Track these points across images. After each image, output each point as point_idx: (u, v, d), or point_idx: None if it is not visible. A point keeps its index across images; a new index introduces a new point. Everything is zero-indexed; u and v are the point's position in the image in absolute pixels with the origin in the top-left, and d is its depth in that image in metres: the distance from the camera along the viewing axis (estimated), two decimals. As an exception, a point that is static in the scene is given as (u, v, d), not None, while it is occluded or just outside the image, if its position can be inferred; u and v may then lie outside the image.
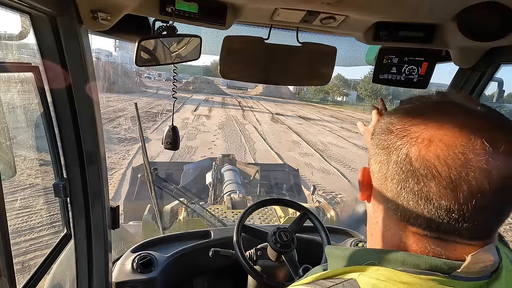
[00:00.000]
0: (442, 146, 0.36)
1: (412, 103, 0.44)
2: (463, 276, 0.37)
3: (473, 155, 0.34)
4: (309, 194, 4.63)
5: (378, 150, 0.43)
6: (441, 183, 0.35)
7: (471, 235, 0.38)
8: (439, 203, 0.36)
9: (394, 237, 0.42)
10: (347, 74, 72.92)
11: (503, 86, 1.11)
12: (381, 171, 0.42)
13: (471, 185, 0.34)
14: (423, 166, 0.36)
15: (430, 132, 0.37)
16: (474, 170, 0.34)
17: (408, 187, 0.38)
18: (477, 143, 0.35)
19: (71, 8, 0.73)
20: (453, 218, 0.36)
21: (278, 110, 29.30)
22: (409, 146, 0.38)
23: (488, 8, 0.70)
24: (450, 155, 0.35)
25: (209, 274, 1.60)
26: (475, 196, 0.35)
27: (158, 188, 2.54)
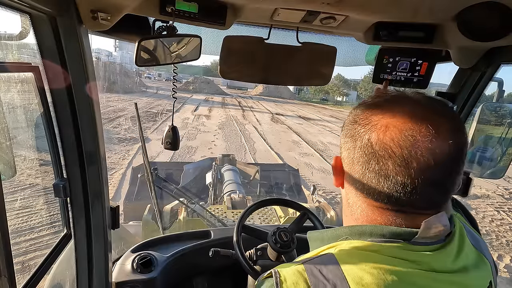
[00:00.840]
0: (395, 131, 0.43)
1: (374, 98, 0.51)
2: (421, 241, 0.44)
3: (420, 136, 0.42)
4: (309, 194, 4.63)
5: (347, 139, 0.50)
6: (396, 161, 0.43)
7: (424, 205, 0.45)
8: (396, 179, 0.43)
9: (363, 214, 0.49)
10: (347, 74, 73.03)
11: (503, 86, 1.11)
12: (349, 157, 0.49)
13: (420, 162, 0.42)
14: (381, 148, 0.44)
15: (386, 120, 0.45)
16: (422, 149, 0.42)
17: (370, 167, 0.45)
18: (423, 127, 0.42)
19: (71, 8, 0.73)
20: (408, 191, 0.43)
21: (278, 110, 29.30)
22: (370, 132, 0.45)
23: (488, 8, 0.70)
24: (402, 138, 0.43)
25: (209, 274, 1.59)
26: (423, 171, 0.42)
27: (158, 188, 2.54)
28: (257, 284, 0.50)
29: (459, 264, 0.46)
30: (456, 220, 0.50)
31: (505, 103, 1.18)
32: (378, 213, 0.47)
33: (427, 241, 0.44)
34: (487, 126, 1.20)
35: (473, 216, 0.61)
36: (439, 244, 0.45)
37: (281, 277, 0.45)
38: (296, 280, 0.44)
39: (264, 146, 11.96)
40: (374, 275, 0.42)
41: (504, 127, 1.19)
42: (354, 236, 0.48)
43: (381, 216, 0.47)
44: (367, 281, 0.41)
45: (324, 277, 0.44)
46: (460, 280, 0.46)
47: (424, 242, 0.44)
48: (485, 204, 7.21)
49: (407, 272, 0.42)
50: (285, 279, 0.45)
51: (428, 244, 0.44)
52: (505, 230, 5.99)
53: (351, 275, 0.42)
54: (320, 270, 0.45)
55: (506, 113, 1.20)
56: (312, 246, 0.54)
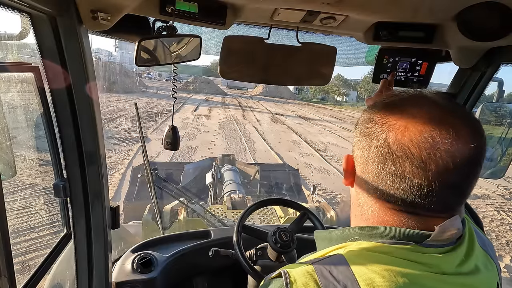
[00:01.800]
0: (415, 132, 0.42)
1: (390, 97, 0.49)
2: (433, 244, 0.43)
3: (440, 139, 0.41)
4: (309, 194, 4.63)
5: (361, 137, 0.49)
6: (414, 163, 0.42)
7: (439, 208, 0.44)
8: (412, 181, 0.42)
9: (374, 215, 0.48)
10: (347, 74, 73.03)
11: (503, 86, 1.11)
12: (363, 156, 0.48)
13: (438, 164, 0.41)
14: (399, 149, 0.43)
15: (405, 120, 0.44)
16: (441, 151, 0.41)
17: (386, 168, 0.44)
18: (443, 129, 0.41)
19: (71, 8, 0.73)
20: (423, 194, 0.42)
21: (278, 110, 29.30)
22: (388, 132, 0.44)
23: (488, 8, 0.70)
24: (422, 139, 0.41)
25: (209, 274, 1.59)
26: (441, 173, 0.41)
27: (158, 188, 2.54)
28: (264, 284, 0.49)
29: (469, 266, 0.46)
30: (466, 222, 0.49)
31: (505, 103, 1.18)
32: (390, 214, 0.46)
33: (438, 244, 0.44)
34: (487, 126, 1.20)
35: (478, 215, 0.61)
36: (450, 246, 0.45)
37: (291, 278, 0.44)
38: (306, 281, 0.44)
39: (264, 146, 11.96)
40: (385, 277, 0.41)
41: (504, 127, 1.19)
42: (364, 237, 0.47)
43: (393, 217, 0.46)
44: (378, 283, 0.41)
45: (335, 279, 0.43)
46: (471, 282, 0.45)
47: (436, 244, 0.44)
48: (485, 204, 7.22)
49: (417, 274, 0.42)
50: (295, 280, 0.44)
51: (439, 247, 0.44)
52: (505, 230, 5.99)
53: (362, 277, 0.42)
54: (330, 271, 0.44)
55: (506, 113, 1.20)
56: (319, 246, 0.54)
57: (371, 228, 0.47)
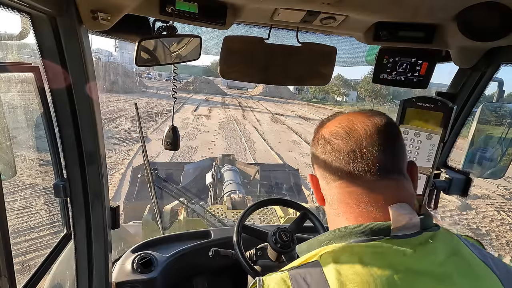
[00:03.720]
0: (337, 120, 0.58)
1: None
2: (400, 234, 0.47)
3: (355, 118, 0.55)
4: (309, 194, 4.63)
5: (314, 153, 0.60)
6: (341, 135, 0.54)
7: (377, 168, 0.51)
8: (346, 149, 0.52)
9: (340, 204, 0.53)
10: (347, 74, 73.03)
11: (503, 86, 1.11)
12: (316, 161, 0.58)
13: (358, 132, 0.53)
14: (329, 134, 0.56)
15: (329, 121, 0.60)
16: (357, 124, 0.53)
17: (327, 151, 0.55)
18: (358, 114, 0.56)
19: (71, 8, 0.73)
20: (358, 156, 0.51)
21: (278, 110, 29.30)
22: (321, 133, 0.58)
23: (488, 8, 0.70)
24: (343, 121, 0.56)
25: (209, 274, 1.59)
26: (362, 138, 0.52)
27: (158, 188, 2.54)
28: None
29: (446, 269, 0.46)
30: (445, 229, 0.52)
31: (505, 103, 1.18)
32: (349, 194, 0.52)
33: (405, 233, 0.46)
34: (487, 126, 1.20)
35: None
36: (417, 236, 0.47)
37: (264, 285, 0.47)
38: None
39: (264, 146, 11.96)
40: (355, 282, 0.42)
41: (504, 127, 1.19)
42: (337, 239, 0.49)
43: (351, 196, 0.52)
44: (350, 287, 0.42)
45: (308, 285, 0.44)
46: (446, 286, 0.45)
47: (403, 234, 0.46)
48: (485, 204, 7.21)
49: (389, 275, 0.43)
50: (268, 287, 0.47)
51: (408, 237, 0.46)
52: (505, 230, 5.99)
53: (333, 282, 0.43)
54: (304, 278, 0.46)
55: (506, 113, 1.20)
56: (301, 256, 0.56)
57: (342, 229, 0.50)
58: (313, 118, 24.84)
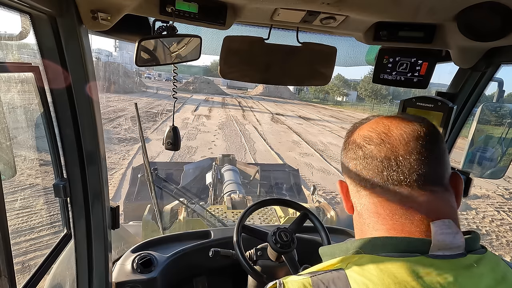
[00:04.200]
0: (370, 125, 0.54)
1: None
2: (440, 254, 0.42)
3: (390, 123, 0.51)
4: (309, 194, 4.63)
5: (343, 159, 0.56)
6: (374, 141, 0.50)
7: (414, 178, 0.47)
8: (380, 155, 0.48)
9: (370, 227, 0.50)
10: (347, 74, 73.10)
11: (503, 86, 1.11)
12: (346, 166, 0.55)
13: (393, 138, 0.49)
14: (362, 138, 0.52)
15: (362, 125, 0.56)
16: (393, 129, 0.50)
17: (359, 156, 0.51)
18: (392, 119, 0.52)
19: (71, 8, 0.73)
20: (393, 164, 0.47)
21: (278, 110, 29.29)
22: (352, 137, 0.55)
23: (488, 8, 0.70)
24: (376, 126, 0.52)
25: (209, 274, 1.59)
26: (398, 144, 0.48)
27: (158, 188, 2.54)
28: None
29: None
30: (492, 253, 0.47)
31: (505, 103, 1.18)
32: (382, 204, 0.48)
33: (445, 253, 0.42)
34: (487, 126, 1.20)
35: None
36: (460, 258, 0.42)
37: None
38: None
39: (264, 146, 11.96)
40: None
41: (504, 127, 1.19)
42: (365, 249, 0.46)
43: (384, 207, 0.48)
44: None
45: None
46: None
47: (443, 255, 0.42)
48: (485, 204, 7.21)
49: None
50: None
51: (449, 258, 0.42)
52: (505, 230, 5.99)
53: None
54: (327, 286, 0.43)
55: (506, 113, 1.20)
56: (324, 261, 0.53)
57: (372, 240, 0.46)
58: (313, 118, 24.84)
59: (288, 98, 51.13)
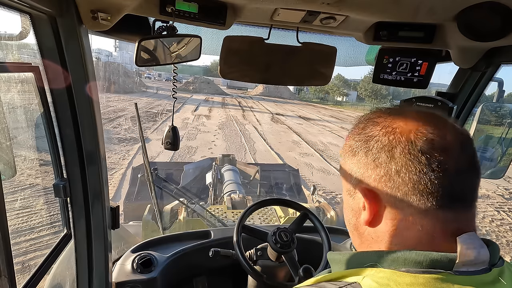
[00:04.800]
0: (426, 127, 0.42)
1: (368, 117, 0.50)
2: (464, 270, 0.38)
3: (436, 128, 0.42)
4: (309, 194, 4.63)
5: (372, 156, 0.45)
6: (447, 149, 0.41)
7: (459, 195, 0.41)
8: (451, 168, 0.41)
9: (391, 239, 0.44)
10: (347, 74, 73.11)
11: (503, 86, 1.11)
12: (388, 170, 0.43)
13: (449, 148, 0.41)
14: (425, 143, 0.41)
15: (410, 122, 0.44)
16: (434, 134, 0.42)
17: (423, 166, 0.41)
18: (436, 120, 0.44)
19: (71, 8, 0.73)
20: (452, 177, 0.41)
21: (278, 110, 29.29)
22: (406, 134, 0.43)
23: (488, 8, 0.70)
24: (437, 130, 0.42)
25: (209, 274, 1.59)
26: (457, 153, 0.41)
27: (158, 188, 2.54)
28: None
29: None
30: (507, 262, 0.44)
31: (505, 103, 1.18)
32: (410, 229, 0.42)
33: (469, 269, 0.39)
34: (487, 126, 1.20)
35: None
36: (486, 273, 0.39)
37: None
38: None
39: (264, 146, 11.96)
40: None
41: (504, 127, 1.20)
42: (384, 263, 0.41)
43: (413, 233, 0.42)
44: None
45: None
46: None
47: (467, 270, 0.39)
48: (485, 204, 7.21)
49: None
50: None
51: (472, 274, 0.39)
52: (505, 230, 5.99)
53: None
54: None
55: (506, 113, 1.20)
56: (334, 268, 0.49)
57: (393, 253, 0.41)
58: (313, 118, 24.84)
59: (288, 98, 51.14)
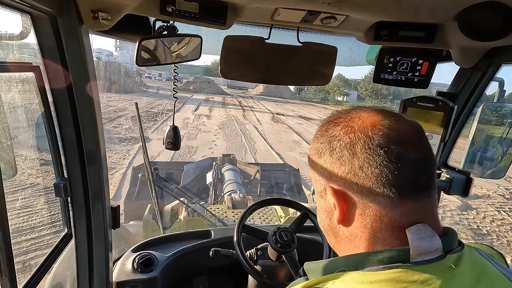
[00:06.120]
0: (381, 123, 0.45)
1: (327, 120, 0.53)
2: (420, 260, 0.41)
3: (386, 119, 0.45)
4: (310, 194, 4.63)
5: (337, 155, 0.47)
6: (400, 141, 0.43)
7: (411, 186, 0.43)
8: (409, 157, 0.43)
9: (355, 241, 0.47)
10: (347, 74, 72.96)
11: (504, 86, 1.11)
12: (352, 167, 0.45)
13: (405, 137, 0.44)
14: (382, 138, 0.43)
15: (366, 120, 0.46)
16: (387, 127, 0.44)
17: (382, 158, 0.43)
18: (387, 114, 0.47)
19: (72, 8, 0.73)
20: (401, 171, 0.42)
21: (279, 110, 29.28)
22: (363, 131, 0.45)
23: (489, 8, 0.70)
24: (391, 124, 0.44)
25: (209, 274, 1.60)
26: (409, 144, 0.43)
27: (158, 188, 2.54)
28: None
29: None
30: (469, 248, 0.46)
31: (506, 103, 1.18)
32: (380, 220, 0.44)
33: (425, 258, 0.41)
34: (488, 126, 1.20)
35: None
36: (440, 261, 0.41)
37: None
38: None
39: (264, 146, 11.96)
40: None
41: (505, 127, 1.19)
42: (351, 267, 0.44)
43: (371, 235, 0.44)
44: None
45: None
46: None
47: (422, 260, 0.41)
48: (486, 204, 7.20)
49: None
50: None
51: (429, 262, 0.41)
52: (505, 230, 5.99)
53: None
54: None
55: (507, 113, 1.20)
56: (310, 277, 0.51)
57: (356, 256, 0.45)
58: (314, 118, 24.83)
59: (289, 98, 51.10)
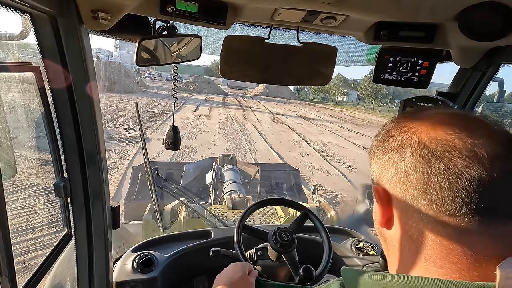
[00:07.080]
0: (446, 127, 0.38)
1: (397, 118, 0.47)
2: None
3: (471, 127, 0.38)
4: (310, 194, 4.63)
5: (386, 156, 0.43)
6: (462, 152, 0.36)
7: (504, 209, 0.35)
8: (470, 174, 0.35)
9: (416, 257, 0.40)
10: (347, 74, 73.01)
11: (504, 86, 1.11)
12: (399, 171, 0.40)
13: (486, 151, 0.35)
14: (439, 144, 0.37)
15: (428, 121, 0.40)
16: (479, 137, 0.36)
17: (434, 169, 0.36)
18: (470, 121, 0.40)
19: (72, 8, 0.73)
20: (486, 187, 0.34)
21: (279, 110, 29.28)
22: (418, 134, 0.40)
23: (489, 8, 0.70)
24: (458, 131, 0.37)
25: (209, 274, 1.59)
26: (494, 160, 0.35)
27: (158, 188, 2.54)
28: None
29: None
30: None
31: (506, 103, 1.18)
32: (439, 253, 0.37)
33: None
34: (488, 126, 1.20)
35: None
36: None
37: None
38: None
39: (264, 146, 11.96)
40: None
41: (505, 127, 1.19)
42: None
43: (444, 258, 0.37)
44: None
45: None
46: None
47: None
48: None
49: None
50: None
51: None
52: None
53: None
54: None
55: (507, 113, 1.20)
56: (348, 286, 0.45)
57: (419, 280, 0.36)
58: (314, 118, 24.83)
59: (289, 98, 51.10)
